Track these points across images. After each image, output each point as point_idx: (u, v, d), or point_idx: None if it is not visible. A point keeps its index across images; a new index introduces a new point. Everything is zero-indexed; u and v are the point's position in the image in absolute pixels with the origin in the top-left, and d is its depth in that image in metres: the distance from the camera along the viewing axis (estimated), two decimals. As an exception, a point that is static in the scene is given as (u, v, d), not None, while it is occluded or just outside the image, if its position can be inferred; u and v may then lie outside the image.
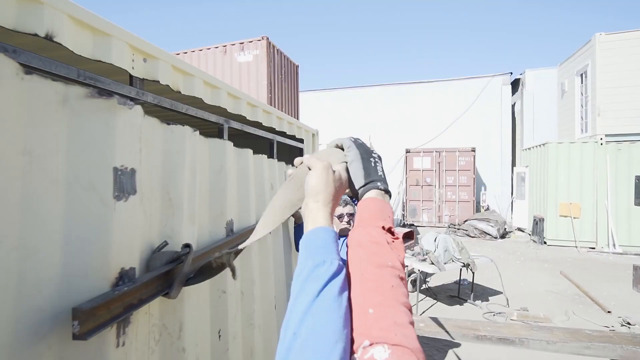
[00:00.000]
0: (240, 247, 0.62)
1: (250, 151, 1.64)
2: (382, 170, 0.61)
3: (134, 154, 0.74)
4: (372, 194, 0.56)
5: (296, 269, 0.45)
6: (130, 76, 1.29)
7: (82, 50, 1.09)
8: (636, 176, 6.24)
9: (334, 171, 0.58)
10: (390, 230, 0.49)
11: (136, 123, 0.78)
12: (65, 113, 0.60)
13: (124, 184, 0.70)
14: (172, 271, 0.82)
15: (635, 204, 6.24)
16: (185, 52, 7.28)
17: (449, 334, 2.00)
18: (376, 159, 0.61)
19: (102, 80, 1.16)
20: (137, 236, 0.75)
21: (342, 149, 0.64)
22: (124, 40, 1.22)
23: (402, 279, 0.43)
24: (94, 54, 1.13)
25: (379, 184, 0.57)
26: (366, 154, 0.61)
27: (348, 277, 0.44)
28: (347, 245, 0.51)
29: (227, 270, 1.00)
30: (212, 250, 1.05)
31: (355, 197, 0.60)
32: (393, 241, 0.47)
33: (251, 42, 6.66)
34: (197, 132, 1.12)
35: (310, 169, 0.57)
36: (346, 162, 0.61)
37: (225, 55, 6.97)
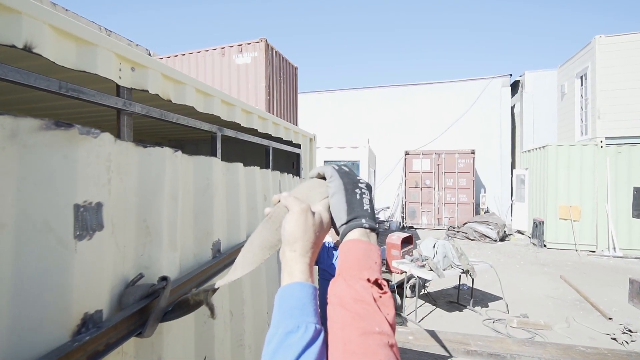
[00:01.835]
0: (216, 285, 0.57)
1: (241, 165, 1.59)
2: (370, 204, 0.53)
3: (100, 187, 0.69)
4: (355, 234, 0.49)
5: (268, 331, 0.40)
6: (118, 86, 1.24)
7: (64, 61, 1.04)
8: (634, 187, 6.19)
9: (313, 213, 0.51)
10: (377, 283, 0.42)
11: (103, 152, 0.72)
12: (14, 149, 0.55)
13: (88, 220, 0.64)
14: (147, 307, 0.76)
15: (633, 216, 6.20)
16: (184, 54, 7.24)
17: (446, 349, 1.94)
18: (363, 190, 0.53)
19: (85, 92, 1.11)
20: (106, 274, 0.69)
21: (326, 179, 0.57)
22: (109, 50, 1.17)
23: (392, 346, 0.37)
24: (77, 64, 1.08)
25: (363, 220, 0.49)
26: (351, 184, 0.53)
27: (328, 340, 0.38)
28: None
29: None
30: (195, 277, 1.00)
31: (338, 235, 0.52)
32: (381, 296, 0.40)
33: (249, 44, 6.62)
34: (179, 152, 1.07)
35: (288, 210, 0.51)
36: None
37: (224, 57, 6.93)
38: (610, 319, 4.24)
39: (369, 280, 0.42)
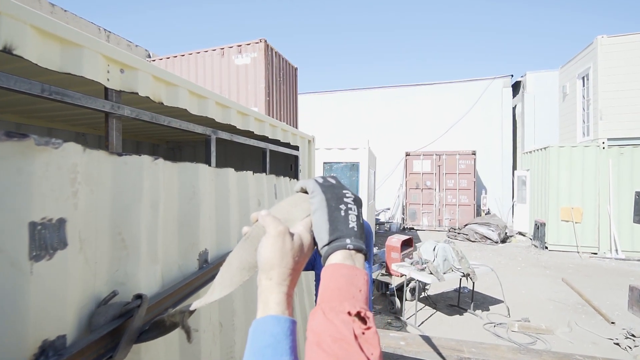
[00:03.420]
0: (192, 307, 0.53)
1: (231, 170, 1.54)
2: (357, 221, 0.46)
3: (62, 201, 0.64)
4: (338, 256, 0.43)
5: None
6: (106, 88, 1.21)
7: (48, 63, 1.00)
8: (636, 192, 6.14)
9: (292, 235, 0.46)
10: (360, 316, 0.36)
11: (67, 164, 0.68)
12: (-45, 164, 0.50)
13: (47, 239, 0.59)
14: (120, 328, 0.71)
15: (634, 222, 6.16)
16: (183, 55, 7.22)
17: (440, 355, 1.89)
18: (349, 205, 0.47)
19: (70, 95, 1.07)
20: (71, 295, 0.64)
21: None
22: (97, 51, 1.14)
23: None
24: (62, 66, 1.04)
25: (347, 241, 0.43)
26: (335, 199, 0.47)
27: None
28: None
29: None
30: (179, 289, 0.95)
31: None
32: (364, 332, 0.35)
33: (249, 44, 6.59)
34: (160, 160, 1.03)
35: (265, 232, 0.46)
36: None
37: (223, 57, 6.90)
38: (613, 323, 4.19)
39: (349, 313, 0.36)
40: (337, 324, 0.35)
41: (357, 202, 0.49)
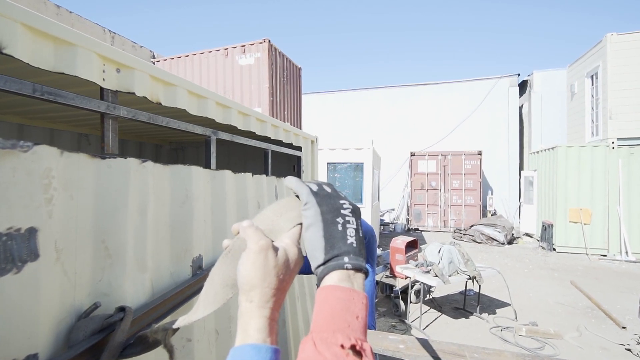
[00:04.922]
0: (175, 326, 0.49)
1: (228, 172, 1.50)
2: (356, 235, 0.40)
3: (33, 209, 0.60)
4: (334, 277, 0.37)
5: None
6: (101, 88, 1.18)
7: (40, 62, 0.98)
8: None
9: (277, 249, 0.40)
10: (355, 349, 0.32)
11: (38, 168, 0.64)
12: None
13: (14, 250, 0.55)
14: (102, 342, 0.66)
15: None
16: (187, 56, 7.23)
17: None
18: (347, 218, 0.41)
19: (64, 95, 1.05)
20: (45, 309, 0.59)
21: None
22: (91, 50, 1.11)
23: None
24: (55, 65, 1.02)
25: (345, 259, 0.38)
26: (331, 212, 0.41)
27: None
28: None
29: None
30: (170, 298, 0.92)
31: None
32: None
33: (253, 44, 6.58)
34: (149, 162, 0.99)
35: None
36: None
37: (227, 58, 6.90)
38: (624, 328, 4.08)
39: (343, 346, 0.32)
40: (328, 358, 0.31)
41: (356, 213, 0.43)
